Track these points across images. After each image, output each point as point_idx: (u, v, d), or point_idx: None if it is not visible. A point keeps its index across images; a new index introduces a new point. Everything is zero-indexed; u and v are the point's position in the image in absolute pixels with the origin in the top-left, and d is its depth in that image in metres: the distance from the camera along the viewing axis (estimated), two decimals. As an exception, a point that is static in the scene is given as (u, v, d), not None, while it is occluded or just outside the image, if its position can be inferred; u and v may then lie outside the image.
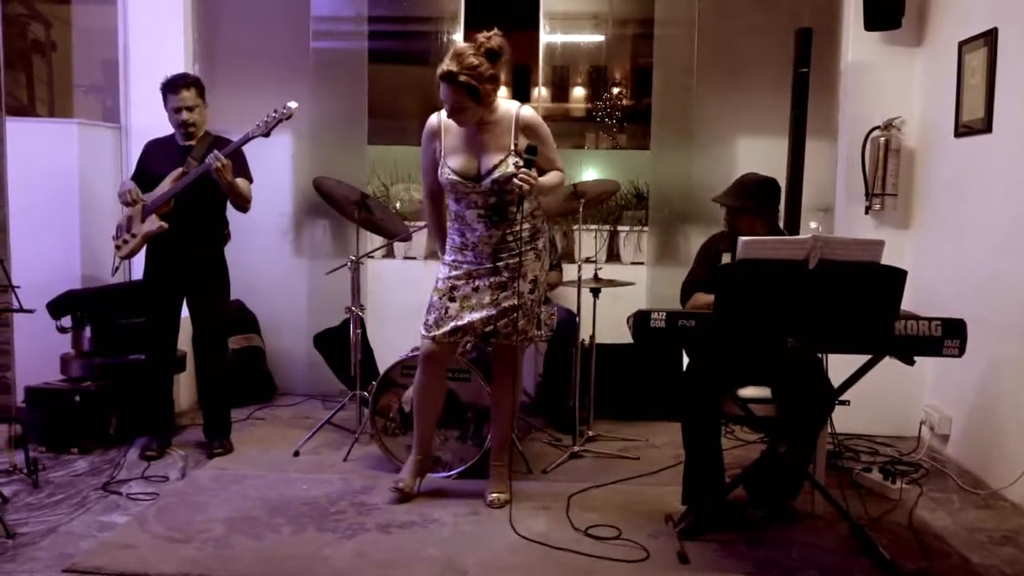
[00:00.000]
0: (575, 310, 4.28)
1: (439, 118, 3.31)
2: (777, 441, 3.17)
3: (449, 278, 3.31)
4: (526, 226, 3.25)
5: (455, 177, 3.22)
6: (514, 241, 3.23)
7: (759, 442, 4.20)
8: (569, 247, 5.29)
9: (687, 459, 3.27)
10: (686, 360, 3.61)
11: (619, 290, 4.33)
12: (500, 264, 3.25)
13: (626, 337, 3.14)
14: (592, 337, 4.30)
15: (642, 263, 5.19)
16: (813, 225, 3.42)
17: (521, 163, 3.14)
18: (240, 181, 3.92)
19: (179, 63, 4.77)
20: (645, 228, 5.22)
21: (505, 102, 3.26)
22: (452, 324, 3.28)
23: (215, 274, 4.04)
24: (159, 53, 4.81)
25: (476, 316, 3.27)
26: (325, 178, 4.37)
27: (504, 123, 3.21)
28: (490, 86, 3.14)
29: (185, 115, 3.90)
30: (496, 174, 3.17)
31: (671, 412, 4.46)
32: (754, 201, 3.32)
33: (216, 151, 3.75)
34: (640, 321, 2.94)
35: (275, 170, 5.09)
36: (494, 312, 3.27)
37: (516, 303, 3.25)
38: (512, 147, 3.18)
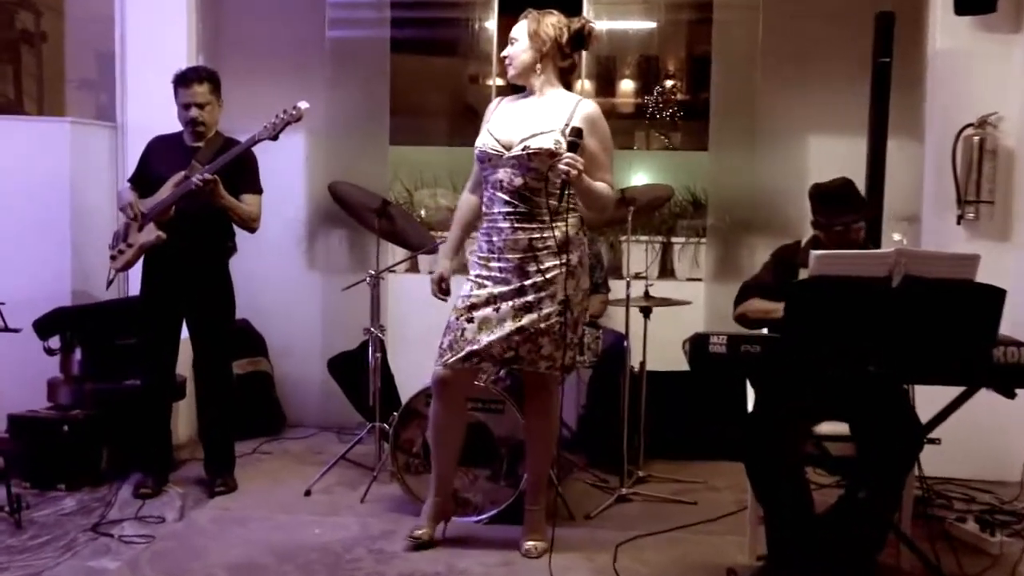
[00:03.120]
0: (623, 332, 4.26)
1: (499, 100, 3.43)
2: (856, 485, 3.13)
3: (469, 296, 3.32)
4: (556, 233, 3.23)
5: (489, 142, 3.27)
6: (544, 250, 3.22)
7: (836, 486, 4.14)
8: (616, 261, 5.28)
9: (764, 508, 3.23)
10: (750, 391, 3.57)
11: (673, 310, 4.31)
12: (527, 283, 3.24)
13: (681, 364, 3.12)
14: (642, 364, 4.27)
15: (699, 279, 5.16)
16: (896, 237, 3.38)
17: (563, 145, 3.15)
18: (247, 198, 3.96)
19: (181, 55, 4.84)
20: (703, 240, 5.19)
21: (568, 93, 3.33)
22: (468, 349, 3.27)
23: (218, 290, 4.08)
24: (160, 44, 4.88)
25: (494, 337, 3.25)
26: (342, 183, 4.41)
27: (560, 108, 3.26)
28: (552, 49, 3.24)
29: (194, 112, 3.96)
30: (530, 142, 3.19)
31: (734, 451, 4.42)
32: (867, 208, 3.36)
33: (201, 171, 3.78)
34: (697, 346, 2.92)
35: (286, 174, 5.14)
36: (517, 336, 3.24)
37: (541, 326, 3.24)
38: (560, 127, 3.21)
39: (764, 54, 4.88)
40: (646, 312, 4.24)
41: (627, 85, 6.37)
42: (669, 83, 5.91)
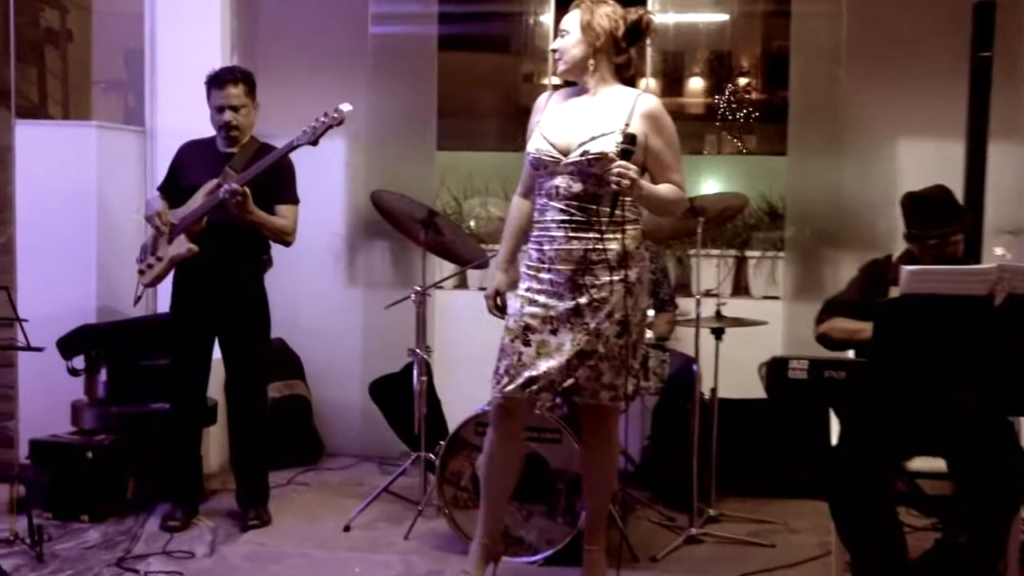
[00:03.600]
0: (692, 356, 4.24)
1: (548, 95, 3.42)
2: (955, 529, 3.07)
3: (523, 315, 3.31)
4: (613, 246, 3.22)
5: (544, 147, 3.26)
6: (600, 263, 3.21)
7: (931, 529, 4.07)
8: (685, 277, 5.26)
9: (850, 553, 3.19)
10: (834, 421, 3.53)
11: (748, 331, 4.28)
12: (582, 301, 3.23)
13: (757, 390, 3.09)
14: (714, 390, 4.24)
15: (777, 297, 5.12)
16: (999, 251, 3.34)
17: (617, 149, 3.14)
18: (282, 209, 4.01)
19: (215, 54, 4.92)
20: (781, 254, 5.15)
21: (624, 87, 3.31)
22: (526, 374, 3.26)
23: (253, 307, 4.14)
24: (191, 43, 4.97)
25: (552, 364, 3.24)
26: (385, 191, 4.45)
27: (619, 105, 3.24)
28: (606, 43, 3.23)
29: (228, 115, 4.03)
30: (588, 146, 3.19)
31: (816, 488, 4.37)
32: (966, 219, 3.31)
33: (230, 185, 3.82)
34: (775, 371, 2.90)
35: (325, 182, 5.21)
36: (574, 360, 3.24)
37: (600, 349, 3.23)
38: (620, 128, 3.20)
39: (849, 48, 4.84)
40: (718, 333, 4.21)
41: (696, 84, 6.36)
42: (743, 81, 5.89)
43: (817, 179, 4.98)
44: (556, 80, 3.55)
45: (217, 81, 4.03)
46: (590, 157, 3.17)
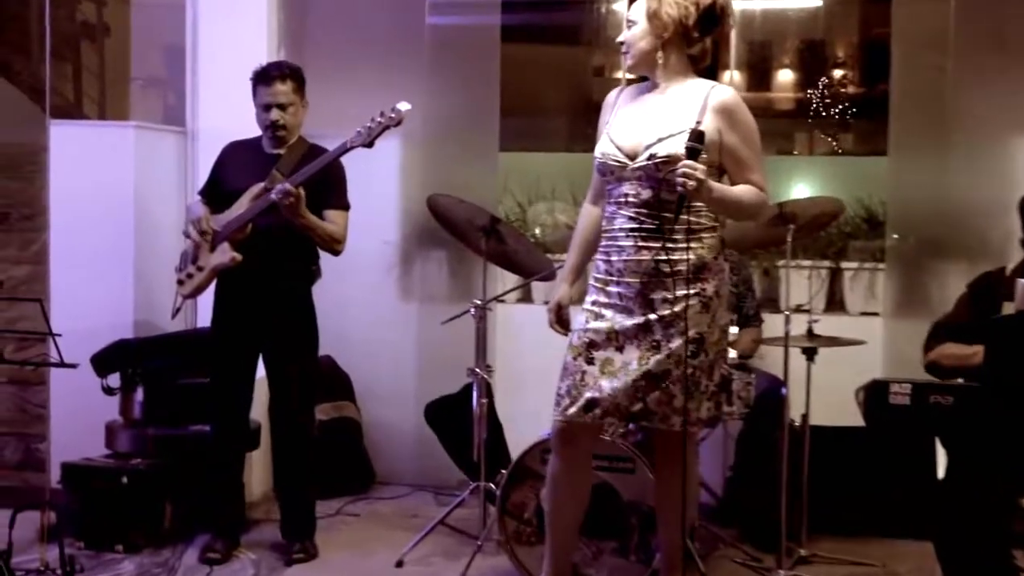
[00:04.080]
0: (780, 377, 4.20)
1: (618, 91, 3.42)
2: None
3: (587, 331, 3.30)
4: (687, 256, 3.20)
5: (610, 151, 3.26)
6: (672, 276, 3.19)
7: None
8: (773, 291, 5.22)
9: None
10: (941, 452, 3.47)
11: (843, 352, 4.23)
12: (653, 317, 3.22)
13: (854, 417, 3.05)
14: (805, 416, 4.20)
15: (876, 314, 5.07)
16: None
17: (683, 150, 3.12)
18: (331, 215, 4.05)
19: (260, 49, 4.99)
20: (881, 265, 5.10)
21: (698, 80, 3.30)
22: (588, 395, 3.25)
23: (300, 322, 4.19)
24: (236, 37, 5.05)
25: (618, 385, 3.23)
26: (443, 196, 4.48)
27: (690, 101, 3.23)
28: (675, 33, 3.21)
29: (275, 114, 4.08)
30: (656, 148, 3.17)
31: (920, 527, 4.30)
32: None
33: (284, 184, 3.86)
34: (874, 395, 2.86)
35: (377, 186, 5.25)
36: (642, 381, 3.22)
37: (671, 370, 3.20)
38: (690, 126, 3.18)
39: (957, 35, 4.77)
40: (810, 353, 4.16)
41: (786, 76, 6.32)
42: (838, 73, 5.84)
43: (921, 181, 4.91)
44: (631, 75, 3.52)
45: (264, 77, 4.09)
46: (658, 160, 3.15)
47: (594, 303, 3.30)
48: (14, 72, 6.28)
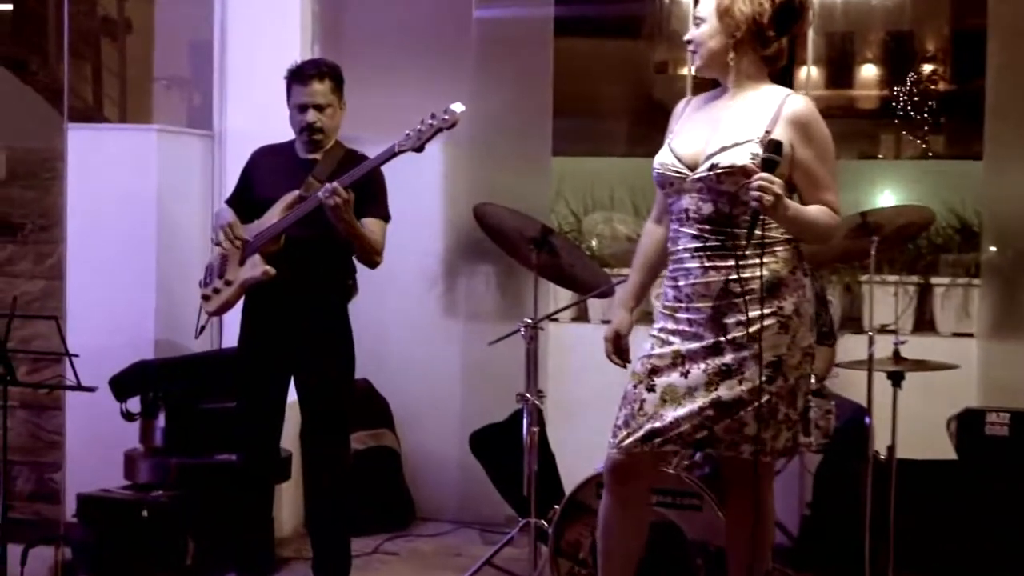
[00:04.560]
0: (864, 405, 4.16)
1: (687, 100, 3.42)
2: None
3: (650, 357, 3.28)
4: (760, 273, 3.17)
5: (668, 160, 3.24)
6: (743, 296, 3.17)
7: None
8: (855, 309, 5.17)
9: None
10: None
11: (933, 377, 4.17)
12: (724, 340, 3.19)
13: (946, 449, 3.02)
14: (891, 448, 4.15)
15: (970, 335, 5.02)
16: None
17: (758, 160, 3.10)
18: (369, 223, 4.06)
19: (293, 45, 5.04)
20: (975, 281, 5.04)
21: (772, 86, 3.28)
22: (648, 426, 3.22)
23: (335, 342, 4.19)
24: (267, 33, 5.11)
25: (681, 413, 3.20)
26: (490, 205, 4.48)
27: (761, 107, 3.21)
28: (748, 32, 3.18)
29: (311, 115, 4.10)
30: (719, 158, 3.15)
31: (1020, 569, 4.23)
32: None
33: (332, 183, 3.86)
34: (968, 425, 2.83)
35: (420, 194, 5.27)
36: (710, 410, 3.19)
37: (744, 397, 3.18)
38: (759, 136, 3.16)
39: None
40: (896, 379, 4.12)
41: (869, 72, 6.27)
42: (927, 68, 5.78)
43: (1021, 188, 4.85)
44: (699, 76, 3.51)
45: (300, 76, 4.11)
46: (719, 171, 3.13)
47: (661, 329, 3.29)
48: (30, 72, 6.39)
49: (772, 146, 3.05)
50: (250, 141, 4.44)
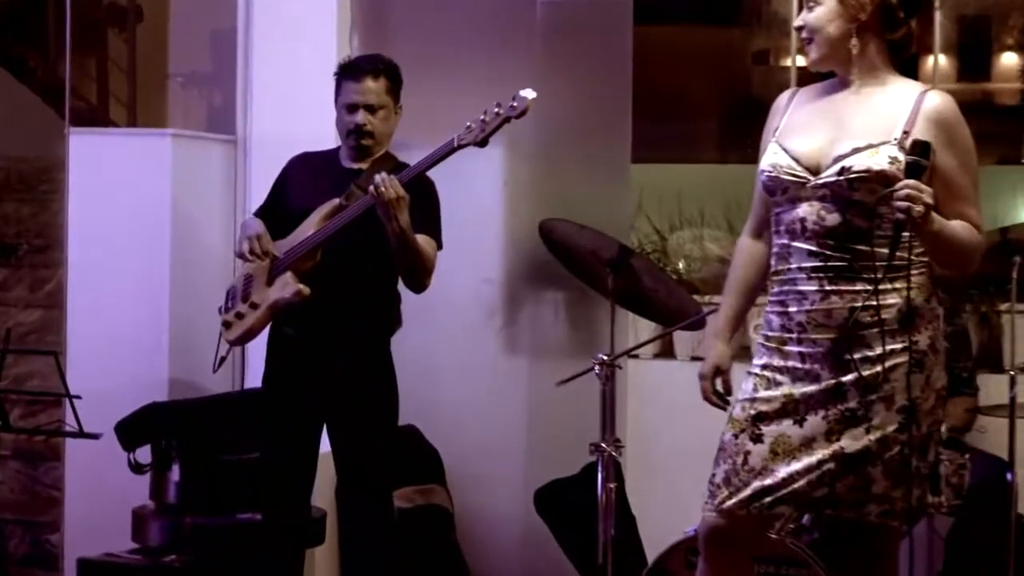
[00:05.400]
0: (1004, 459, 4.11)
1: (791, 93, 3.41)
2: None
3: (754, 401, 3.26)
4: (892, 300, 3.14)
5: (782, 161, 3.22)
6: (873, 327, 3.14)
7: None
8: (993, 344, 5.11)
9: None
10: None
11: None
12: (847, 380, 3.16)
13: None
14: (1039, 511, 4.10)
15: None
16: None
17: (902, 165, 3.07)
18: (422, 240, 4.04)
19: (328, 36, 5.08)
20: None
21: (902, 79, 3.25)
22: (756, 484, 3.20)
23: (375, 381, 4.20)
24: (299, 21, 5.14)
25: (797, 467, 3.18)
26: (559, 221, 4.48)
27: (894, 104, 3.18)
28: (874, 14, 3.17)
29: (361, 116, 4.11)
30: (851, 161, 3.13)
31: None
32: None
33: (387, 174, 3.85)
34: None
35: (474, 208, 5.27)
36: (831, 464, 3.16)
37: (872, 448, 3.15)
38: (896, 137, 3.13)
39: None
40: (1044, 426, 4.07)
41: (1009, 61, 6.20)
42: (1079, 58, 5.69)
43: None
44: (804, 61, 3.49)
45: (352, 71, 4.13)
46: (852, 176, 3.11)
47: (765, 367, 3.25)
48: (27, 70, 6.50)
49: (919, 148, 3.02)
50: (279, 148, 4.48)
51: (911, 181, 2.98)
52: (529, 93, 3.77)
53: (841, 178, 3.13)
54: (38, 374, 4.53)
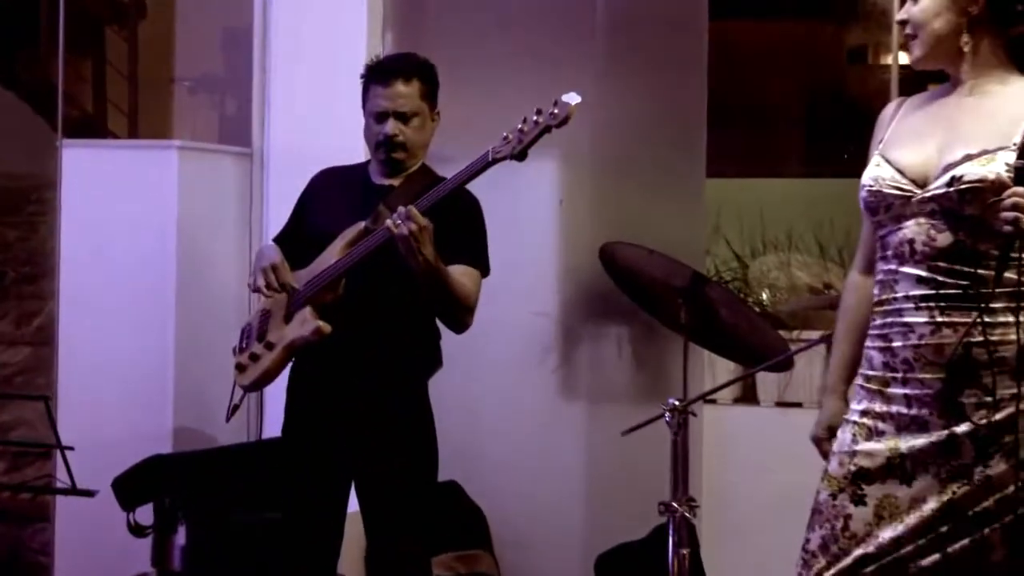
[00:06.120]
0: None
1: (898, 103, 3.40)
2: None
3: (854, 455, 3.23)
4: (1015, 336, 3.12)
5: (885, 174, 3.20)
6: (995, 367, 3.11)
7: None
8: None
9: None
10: None
11: None
12: (961, 431, 3.14)
13: None
14: None
15: None
16: None
17: (1011, 170, 3.04)
18: (458, 272, 4.04)
19: (358, 35, 5.10)
20: None
21: (1022, 79, 3.23)
22: (858, 551, 3.18)
23: (409, 430, 4.18)
24: (323, 19, 5.17)
25: (903, 531, 3.15)
26: (623, 244, 4.46)
27: (1014, 105, 3.16)
28: (985, 7, 3.15)
29: (391, 126, 4.09)
30: (962, 170, 3.10)
31: None
32: None
33: (406, 207, 3.78)
34: None
35: (526, 230, 5.30)
36: (945, 525, 3.14)
37: (991, 508, 3.12)
38: (1016, 142, 3.11)
39: None
40: None
41: None
42: None
43: None
44: (907, 60, 3.46)
45: (381, 73, 4.12)
46: (963, 187, 3.09)
47: (864, 413, 3.23)
48: (15, 74, 6.54)
49: None
50: (300, 162, 4.50)
51: (1020, 188, 2.96)
52: (572, 98, 3.73)
53: (951, 189, 3.11)
54: (25, 422, 4.55)
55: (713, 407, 5.14)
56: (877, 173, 3.23)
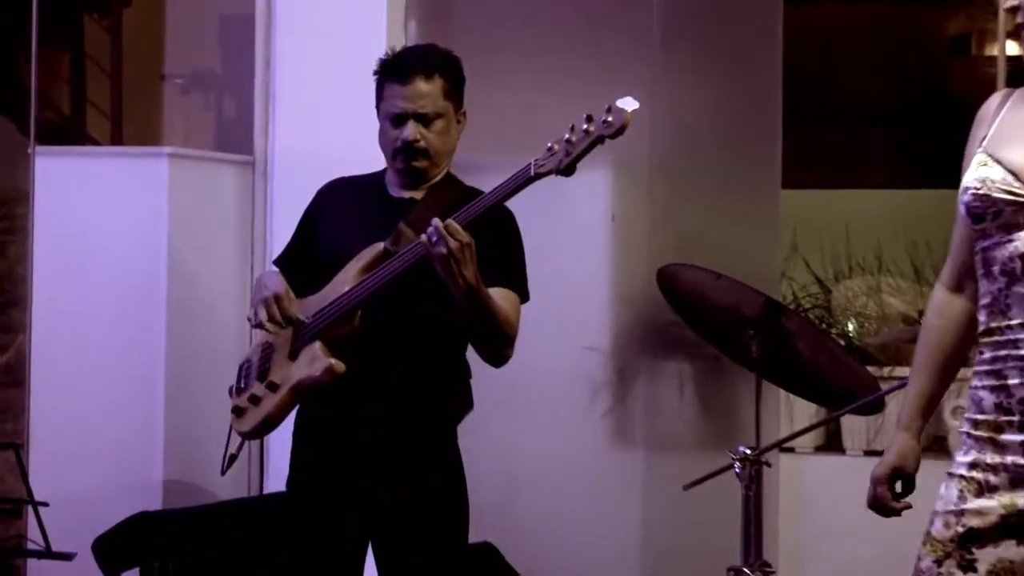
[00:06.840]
0: None
1: (1002, 96, 3.39)
2: None
3: (961, 514, 3.22)
4: None
5: (991, 175, 3.18)
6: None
7: None
8: None
9: None
10: None
11: None
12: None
13: None
14: None
15: None
16: None
17: None
18: (499, 296, 4.00)
19: (377, 27, 5.12)
20: None
21: None
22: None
23: (436, 484, 4.18)
24: (336, 5, 5.19)
25: None
26: (686, 267, 4.47)
27: None
28: None
29: (411, 130, 4.08)
30: None
31: None
32: None
33: (445, 220, 3.79)
34: None
35: (574, 251, 5.32)
36: None
37: None
38: None
39: None
40: None
41: None
42: None
43: None
44: (1015, 49, 3.47)
45: (397, 69, 4.11)
46: None
47: (974, 465, 3.22)
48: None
49: None
50: (308, 172, 4.51)
51: None
52: (629, 104, 3.67)
53: None
54: (-9, 474, 4.56)
55: (790, 456, 5.14)
56: (985, 174, 3.20)
